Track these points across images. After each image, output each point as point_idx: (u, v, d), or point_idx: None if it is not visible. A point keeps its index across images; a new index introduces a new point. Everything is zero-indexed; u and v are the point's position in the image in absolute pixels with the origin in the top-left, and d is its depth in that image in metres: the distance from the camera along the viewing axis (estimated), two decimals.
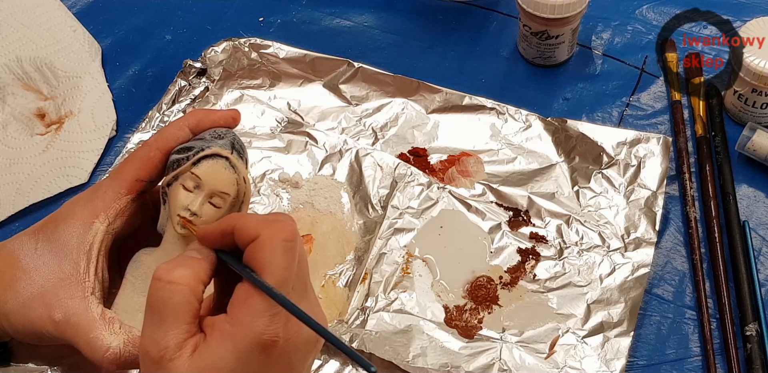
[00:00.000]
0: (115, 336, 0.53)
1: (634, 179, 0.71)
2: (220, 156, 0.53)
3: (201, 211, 0.53)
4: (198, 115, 0.56)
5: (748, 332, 0.65)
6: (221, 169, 0.53)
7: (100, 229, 0.55)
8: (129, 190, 0.56)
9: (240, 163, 0.54)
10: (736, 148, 0.72)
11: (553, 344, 0.65)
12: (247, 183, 0.54)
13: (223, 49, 0.78)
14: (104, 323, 0.54)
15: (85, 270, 0.54)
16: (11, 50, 0.81)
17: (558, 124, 0.74)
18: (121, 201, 0.56)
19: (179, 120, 0.56)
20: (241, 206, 0.55)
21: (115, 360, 0.53)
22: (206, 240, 0.47)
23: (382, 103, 0.77)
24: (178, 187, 0.53)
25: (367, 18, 0.83)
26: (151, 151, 0.55)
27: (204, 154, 0.53)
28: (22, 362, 0.64)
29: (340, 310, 0.67)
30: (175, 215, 0.53)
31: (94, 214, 0.55)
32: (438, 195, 0.71)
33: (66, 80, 0.79)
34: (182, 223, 0.53)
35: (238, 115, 0.57)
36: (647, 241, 0.69)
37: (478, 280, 0.68)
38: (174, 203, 0.54)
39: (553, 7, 0.72)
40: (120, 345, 0.53)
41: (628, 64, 0.79)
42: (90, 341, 0.53)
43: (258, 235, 0.45)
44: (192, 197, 0.53)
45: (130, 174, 0.56)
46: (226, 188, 0.53)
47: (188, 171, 0.53)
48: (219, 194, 0.53)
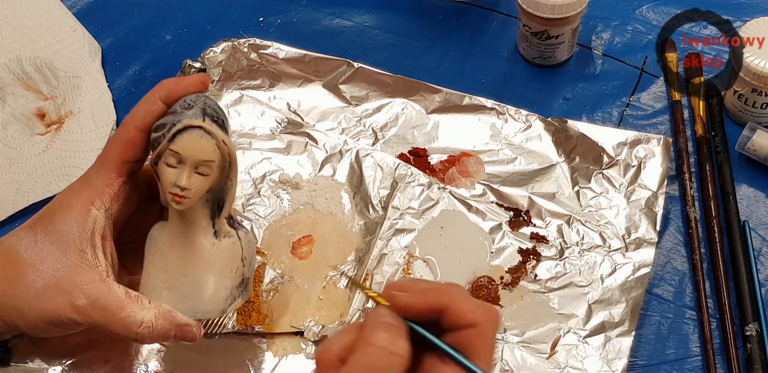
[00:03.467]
0: (146, 311, 0.55)
1: (635, 180, 0.71)
2: (192, 127, 0.54)
3: (190, 183, 0.54)
4: (167, 86, 0.57)
5: (748, 332, 0.65)
6: (197, 139, 0.54)
7: (99, 215, 0.56)
8: (119, 173, 0.57)
9: (214, 128, 0.55)
10: (736, 148, 0.72)
11: (554, 344, 0.65)
12: (228, 145, 0.55)
13: (223, 50, 0.78)
14: (132, 301, 0.55)
15: (93, 256, 0.55)
16: (11, 50, 0.80)
17: (558, 125, 0.74)
18: (114, 185, 0.56)
19: (149, 94, 0.57)
20: (230, 169, 0.56)
21: (149, 334, 0.55)
22: (406, 311, 0.45)
23: (382, 104, 0.77)
24: (163, 165, 0.55)
25: (367, 18, 0.83)
26: (130, 131, 0.56)
27: (176, 129, 0.54)
28: (21, 362, 0.64)
29: (341, 311, 0.67)
30: (167, 193, 0.55)
31: (90, 201, 0.56)
32: (438, 195, 0.71)
33: (66, 80, 0.79)
34: (175, 200, 0.54)
35: (206, 79, 0.58)
36: (648, 241, 0.69)
37: (479, 280, 0.68)
38: (163, 182, 0.55)
39: (553, 7, 0.72)
40: (152, 319, 0.55)
41: (628, 64, 0.79)
42: (122, 319, 0.54)
43: (475, 322, 0.44)
44: (177, 172, 0.54)
45: (116, 157, 0.57)
46: (208, 156, 0.54)
47: (167, 149, 0.54)
48: (203, 163, 0.54)
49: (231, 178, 0.56)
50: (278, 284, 0.69)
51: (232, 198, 0.57)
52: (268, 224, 0.71)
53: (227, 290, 0.58)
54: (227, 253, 0.57)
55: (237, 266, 0.58)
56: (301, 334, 0.66)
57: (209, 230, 0.57)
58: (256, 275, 0.68)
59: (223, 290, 0.57)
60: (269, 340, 0.67)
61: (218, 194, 0.57)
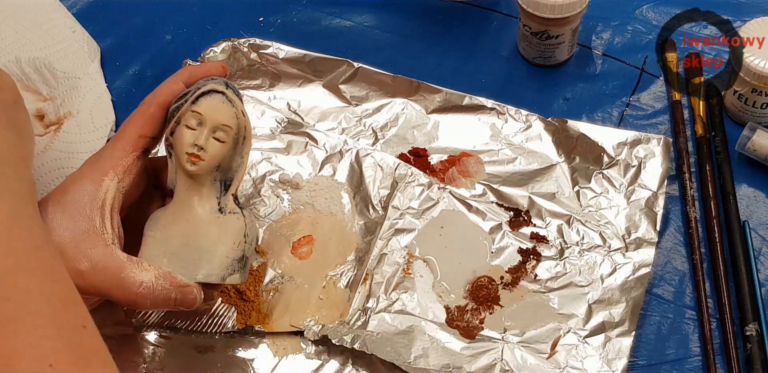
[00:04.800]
0: (146, 272, 0.56)
1: (635, 180, 0.71)
2: (216, 92, 0.57)
3: (207, 144, 0.57)
4: (189, 69, 0.61)
5: (748, 332, 0.65)
6: (219, 103, 0.57)
7: (111, 186, 0.57)
8: (134, 147, 0.58)
9: (236, 98, 0.58)
10: (736, 148, 0.72)
11: (554, 344, 0.65)
12: (246, 116, 0.58)
13: (223, 50, 0.78)
14: (133, 263, 0.56)
15: (101, 224, 0.56)
16: (10, 51, 0.80)
17: (558, 125, 0.74)
18: (128, 158, 0.58)
19: (172, 76, 0.60)
20: (243, 144, 0.58)
21: (149, 295, 0.56)
22: None
23: (382, 104, 0.77)
24: (182, 128, 0.57)
25: (367, 18, 0.83)
26: (150, 107, 0.59)
27: (201, 91, 0.57)
28: None
29: (341, 311, 0.67)
30: (183, 153, 0.57)
31: (103, 172, 0.57)
32: (438, 195, 0.71)
33: (65, 81, 0.79)
34: (191, 159, 0.57)
35: (227, 66, 0.62)
36: (648, 241, 0.69)
37: (479, 280, 0.68)
38: (180, 144, 0.57)
39: (553, 7, 0.72)
40: (152, 279, 0.56)
41: (628, 64, 0.79)
42: (121, 280, 0.55)
43: None
44: (196, 133, 0.57)
45: (133, 131, 0.59)
46: (228, 121, 0.57)
47: (189, 110, 0.57)
48: (221, 128, 0.57)
49: (243, 155, 0.58)
50: (278, 284, 0.68)
51: (241, 175, 0.59)
52: (268, 224, 0.71)
53: (228, 259, 0.59)
54: (230, 225, 0.59)
55: (239, 239, 0.59)
56: (301, 334, 0.66)
57: (215, 206, 0.59)
58: (257, 274, 0.68)
59: (224, 258, 0.59)
60: (269, 340, 0.67)
61: (227, 172, 0.59)
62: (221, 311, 0.67)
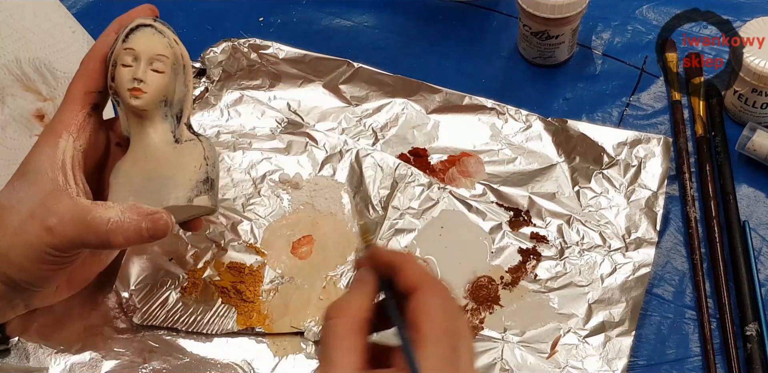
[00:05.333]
0: (111, 209, 0.56)
1: (635, 180, 0.71)
2: (144, 25, 0.58)
3: (146, 76, 0.57)
4: (118, 19, 0.60)
5: (748, 332, 0.65)
6: (150, 35, 0.58)
7: (67, 145, 0.57)
8: (82, 105, 0.59)
9: (166, 28, 0.59)
10: (736, 148, 0.72)
11: (554, 343, 0.65)
12: (180, 45, 0.59)
13: (222, 50, 0.78)
14: (97, 206, 0.56)
15: (64, 182, 0.56)
16: (10, 51, 0.80)
17: (558, 125, 0.74)
18: (79, 116, 0.58)
19: (105, 31, 0.60)
20: (184, 73, 0.59)
21: (119, 228, 0.55)
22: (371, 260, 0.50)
23: (382, 104, 0.77)
24: (119, 68, 0.57)
25: (367, 18, 0.83)
26: (90, 63, 0.59)
27: (129, 28, 0.58)
28: (23, 360, 0.65)
29: None
30: (125, 90, 0.57)
31: (57, 134, 0.58)
32: (438, 195, 0.71)
33: (65, 81, 0.79)
34: (133, 94, 0.57)
35: (155, 8, 0.61)
36: (648, 241, 0.69)
37: (479, 280, 0.68)
38: (120, 83, 0.57)
39: (553, 7, 0.72)
40: (119, 214, 0.56)
41: (628, 64, 0.79)
42: (89, 223, 0.55)
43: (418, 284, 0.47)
44: (133, 69, 0.57)
45: (78, 89, 0.59)
46: (162, 50, 0.58)
47: (122, 49, 0.57)
48: (157, 58, 0.57)
49: (186, 83, 0.59)
50: (278, 284, 0.68)
51: (189, 104, 0.60)
52: (268, 224, 0.71)
53: (191, 181, 0.59)
54: (188, 151, 0.59)
55: (200, 162, 0.59)
56: (301, 334, 0.66)
57: (170, 138, 0.59)
58: (257, 274, 0.68)
59: (187, 181, 0.59)
60: (269, 340, 0.67)
61: (174, 104, 0.59)
62: (222, 311, 0.67)
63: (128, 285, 0.67)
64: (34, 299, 0.60)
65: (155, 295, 0.67)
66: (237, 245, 0.70)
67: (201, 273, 0.68)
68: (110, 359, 0.65)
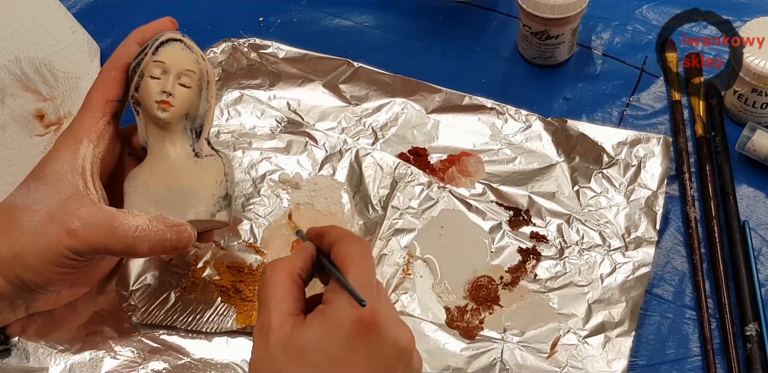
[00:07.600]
0: (138, 218, 0.57)
1: (635, 179, 0.71)
2: (174, 40, 0.59)
3: (174, 90, 0.58)
4: (140, 30, 0.62)
5: (748, 332, 0.65)
6: (180, 50, 0.59)
7: (87, 152, 0.58)
8: (102, 112, 0.59)
9: (193, 44, 0.60)
10: (736, 148, 0.72)
11: (554, 344, 0.65)
12: (206, 61, 0.60)
13: (222, 50, 0.78)
14: (123, 213, 0.57)
15: (85, 187, 0.57)
16: (10, 51, 0.80)
17: (558, 124, 0.74)
18: (99, 124, 0.59)
19: (125, 40, 0.61)
20: (207, 89, 0.60)
21: (146, 237, 0.56)
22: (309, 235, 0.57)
23: (382, 103, 0.77)
24: (147, 80, 0.58)
25: (367, 18, 0.83)
26: (111, 72, 0.60)
27: (160, 41, 0.59)
28: (23, 360, 0.65)
29: None
30: (152, 102, 0.58)
31: (78, 140, 0.58)
32: (438, 195, 0.71)
33: (65, 81, 0.79)
34: (161, 106, 0.58)
35: (175, 20, 0.63)
36: (648, 240, 0.69)
37: (479, 280, 0.68)
38: (147, 94, 0.58)
39: (553, 7, 0.72)
40: (146, 222, 0.57)
41: (628, 64, 0.79)
42: (115, 229, 0.56)
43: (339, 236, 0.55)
44: (162, 81, 0.58)
45: (99, 97, 0.60)
46: (191, 66, 0.59)
47: (151, 61, 0.58)
48: (186, 73, 0.59)
49: (208, 99, 0.60)
50: None
51: (210, 119, 0.61)
52: (267, 223, 0.71)
53: (214, 197, 0.60)
54: (210, 166, 0.60)
55: (220, 178, 0.60)
56: None
57: (190, 152, 0.60)
58: (256, 274, 0.68)
59: (210, 195, 0.60)
60: None
61: (196, 119, 0.60)
62: (221, 310, 0.67)
63: (128, 285, 0.67)
64: (37, 302, 0.60)
65: (155, 295, 0.67)
66: (237, 245, 0.70)
67: (201, 273, 0.68)
68: (110, 359, 0.65)
